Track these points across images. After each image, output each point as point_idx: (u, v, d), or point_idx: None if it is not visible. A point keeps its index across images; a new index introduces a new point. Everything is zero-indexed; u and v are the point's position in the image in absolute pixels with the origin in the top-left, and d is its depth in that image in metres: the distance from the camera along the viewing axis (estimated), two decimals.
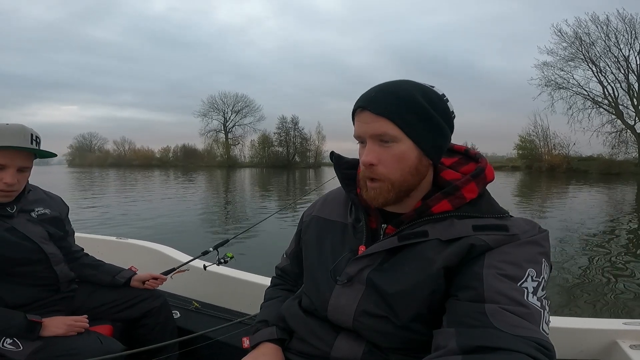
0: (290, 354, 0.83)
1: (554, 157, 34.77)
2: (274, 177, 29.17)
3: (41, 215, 1.31)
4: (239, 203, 12.26)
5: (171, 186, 18.83)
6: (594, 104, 32.29)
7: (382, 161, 0.70)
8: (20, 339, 1.11)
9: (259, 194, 14.64)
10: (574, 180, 22.83)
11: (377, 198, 0.72)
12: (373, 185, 0.72)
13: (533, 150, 37.50)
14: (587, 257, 5.49)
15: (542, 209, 10.68)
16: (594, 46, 31.02)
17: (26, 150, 1.17)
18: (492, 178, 0.74)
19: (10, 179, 1.15)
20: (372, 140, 0.70)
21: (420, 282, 0.68)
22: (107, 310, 1.39)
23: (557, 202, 12.39)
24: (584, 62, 31.81)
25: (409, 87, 0.71)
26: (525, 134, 38.15)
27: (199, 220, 8.43)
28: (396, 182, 0.71)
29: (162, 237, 5.12)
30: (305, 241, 0.90)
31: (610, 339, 1.18)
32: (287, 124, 56.20)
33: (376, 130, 0.69)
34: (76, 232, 1.54)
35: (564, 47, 32.25)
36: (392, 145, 0.69)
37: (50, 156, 1.27)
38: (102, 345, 1.16)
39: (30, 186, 1.33)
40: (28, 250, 1.21)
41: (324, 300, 0.77)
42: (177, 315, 1.62)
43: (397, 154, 0.70)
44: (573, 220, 8.57)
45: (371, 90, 0.72)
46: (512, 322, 0.57)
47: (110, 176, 30.80)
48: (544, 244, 0.68)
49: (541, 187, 18.93)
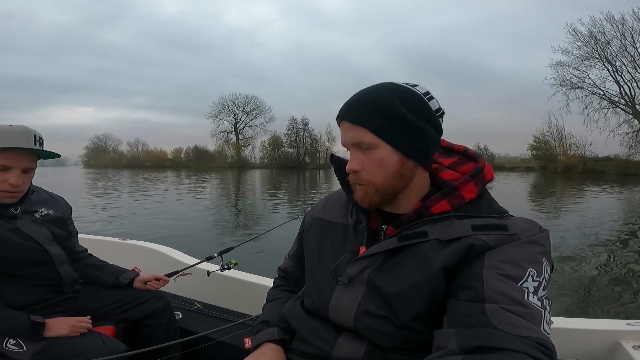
0: (292, 354, 0.83)
1: (569, 158, 34.15)
2: (284, 178, 29.27)
3: (45, 216, 1.31)
4: (250, 207, 12.32)
5: (183, 187, 19.08)
6: (610, 104, 31.64)
7: (365, 167, 0.72)
8: (23, 340, 1.12)
9: (269, 198, 14.70)
10: (591, 181, 22.33)
11: (364, 200, 0.75)
12: (359, 188, 0.75)
13: (548, 151, 36.87)
14: (595, 257, 5.41)
15: (557, 210, 10.50)
16: (610, 45, 30.43)
17: (30, 152, 1.18)
18: (491, 178, 0.74)
19: (15, 180, 1.15)
20: (354, 148, 0.73)
21: (420, 282, 0.68)
22: (110, 311, 1.39)
23: (573, 204, 12.14)
24: (599, 62, 31.23)
25: (386, 92, 0.72)
26: (539, 134, 37.69)
27: (209, 223, 8.49)
28: (380, 186, 0.73)
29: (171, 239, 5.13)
30: (307, 242, 0.90)
31: (614, 339, 1.16)
32: (297, 125, 56.54)
33: (354, 139, 0.72)
34: (80, 233, 1.55)
35: (578, 47, 31.74)
36: (371, 151, 0.72)
37: (54, 157, 1.27)
38: (104, 346, 1.17)
39: (34, 187, 1.33)
40: (32, 251, 1.21)
41: (325, 300, 0.78)
42: (179, 316, 1.63)
43: (377, 159, 0.71)
44: (586, 221, 8.43)
45: (349, 100, 0.74)
46: (513, 322, 0.57)
47: (124, 177, 31.35)
48: (545, 243, 0.68)
49: (557, 188, 18.57)
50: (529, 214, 9.17)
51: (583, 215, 9.32)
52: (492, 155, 48.52)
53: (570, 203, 12.59)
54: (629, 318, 1.27)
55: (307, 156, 56.49)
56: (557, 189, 17.95)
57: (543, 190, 17.82)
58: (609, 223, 8.27)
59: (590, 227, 7.79)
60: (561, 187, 18.99)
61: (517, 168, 39.27)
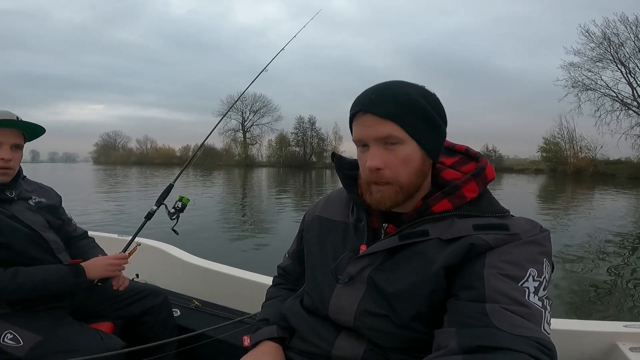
0: (292, 352, 0.83)
1: (580, 160, 33.65)
2: (291, 176, 29.31)
3: (38, 203, 1.31)
4: (255, 204, 12.36)
5: (190, 184, 19.19)
6: (623, 106, 31.03)
7: (388, 164, 0.69)
8: (25, 330, 1.12)
9: (275, 196, 14.74)
10: (601, 184, 22.00)
11: (384, 201, 0.71)
12: (380, 188, 0.71)
13: (558, 153, 36.36)
14: (596, 260, 5.35)
15: (566, 212, 10.37)
16: (623, 47, 29.81)
17: (15, 126, 1.20)
18: (492, 177, 0.74)
19: (6, 155, 1.17)
20: (377, 144, 0.70)
21: (421, 281, 0.68)
22: (108, 307, 1.38)
23: (582, 207, 11.97)
24: (612, 63, 30.61)
25: (409, 88, 0.71)
26: (549, 136, 37.14)
27: (215, 220, 8.53)
28: (404, 184, 0.70)
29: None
30: (307, 240, 0.90)
31: (611, 341, 1.16)
32: (304, 124, 56.53)
33: (381, 133, 0.68)
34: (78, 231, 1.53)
35: (591, 48, 31.08)
36: (397, 147, 0.69)
37: (40, 132, 1.28)
38: (102, 342, 1.17)
39: (23, 175, 1.33)
40: (30, 238, 1.20)
41: (325, 299, 0.77)
42: (177, 314, 1.62)
43: (403, 156, 0.69)
44: (593, 224, 8.33)
45: (369, 93, 0.71)
46: (513, 322, 0.57)
47: (133, 173, 31.66)
48: (545, 243, 0.67)
49: (567, 191, 18.33)
50: (537, 216, 9.07)
51: (591, 218, 9.22)
52: (501, 157, 48.01)
53: (580, 206, 12.42)
54: (626, 320, 1.26)
55: (314, 155, 56.49)
56: (566, 192, 17.70)
57: (552, 193, 17.59)
58: (615, 226, 8.15)
59: (596, 229, 7.70)
60: (571, 190, 18.72)
61: (526, 170, 38.78)
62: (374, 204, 0.73)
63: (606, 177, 29.35)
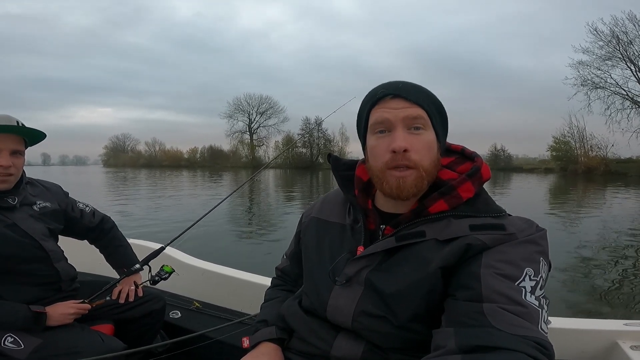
0: (290, 353, 0.84)
1: (590, 159, 33.11)
2: (298, 178, 29.34)
3: (42, 208, 1.29)
4: (263, 205, 12.39)
5: (199, 186, 19.33)
6: (633, 104, 30.47)
7: (414, 147, 0.69)
8: (25, 333, 1.12)
9: (283, 199, 14.76)
10: (612, 184, 21.63)
11: (407, 188, 0.69)
12: (403, 174, 0.69)
13: (568, 152, 35.84)
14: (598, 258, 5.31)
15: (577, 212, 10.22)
16: (632, 45, 29.29)
17: (14, 132, 1.17)
18: (488, 177, 0.74)
19: (5, 162, 1.14)
20: (403, 126, 0.70)
21: (418, 282, 0.68)
22: (109, 310, 1.38)
23: (593, 207, 11.78)
24: (622, 61, 30.08)
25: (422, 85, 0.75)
26: (559, 135, 36.61)
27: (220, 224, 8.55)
28: (427, 170, 0.71)
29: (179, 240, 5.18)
30: (304, 242, 0.90)
31: (611, 339, 1.16)
32: (310, 125, 56.47)
33: (411, 113, 0.69)
34: None
35: (600, 46, 30.58)
36: (422, 132, 0.70)
37: (40, 137, 1.25)
38: (103, 344, 1.17)
39: (28, 179, 1.32)
40: (28, 248, 1.19)
41: (323, 300, 0.78)
42: (177, 315, 1.64)
43: (427, 141, 0.71)
44: (603, 222, 8.22)
45: (394, 82, 0.74)
46: (511, 322, 0.57)
47: (142, 176, 31.97)
48: (542, 242, 0.67)
49: (578, 190, 18.05)
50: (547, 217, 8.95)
51: (599, 217, 9.08)
52: (510, 157, 47.53)
53: (592, 206, 12.22)
54: (626, 318, 1.25)
55: (321, 156, 56.46)
56: (577, 191, 17.43)
57: (564, 191, 17.35)
58: (624, 226, 8.02)
59: (603, 228, 7.62)
60: (582, 189, 18.44)
61: (535, 169, 38.31)
62: (392, 192, 0.70)
63: (617, 175, 28.84)
